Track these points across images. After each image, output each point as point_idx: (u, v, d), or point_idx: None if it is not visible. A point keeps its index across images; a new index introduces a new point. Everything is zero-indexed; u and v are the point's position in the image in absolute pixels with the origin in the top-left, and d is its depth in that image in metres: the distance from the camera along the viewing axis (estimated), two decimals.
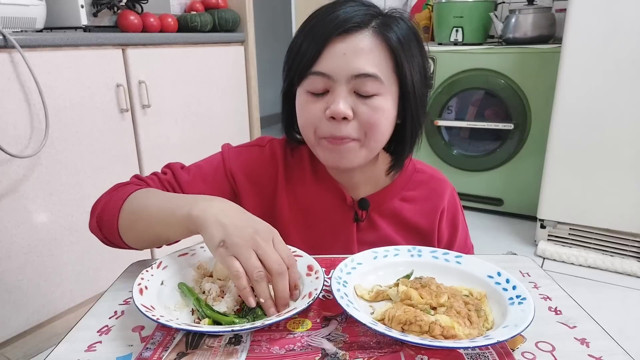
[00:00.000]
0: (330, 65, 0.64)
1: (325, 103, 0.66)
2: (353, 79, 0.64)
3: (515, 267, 0.68)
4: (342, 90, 0.64)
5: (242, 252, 0.53)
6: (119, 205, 0.65)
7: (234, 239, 0.53)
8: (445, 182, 0.84)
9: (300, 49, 0.67)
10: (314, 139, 0.69)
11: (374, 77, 0.64)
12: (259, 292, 0.53)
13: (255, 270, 0.52)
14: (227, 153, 0.79)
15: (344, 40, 0.64)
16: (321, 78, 0.65)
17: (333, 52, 0.64)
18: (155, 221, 0.62)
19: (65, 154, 1.45)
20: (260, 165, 0.79)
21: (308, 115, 0.68)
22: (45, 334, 1.48)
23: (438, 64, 2.40)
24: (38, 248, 1.42)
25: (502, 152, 2.39)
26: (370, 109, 0.65)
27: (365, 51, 0.64)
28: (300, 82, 0.67)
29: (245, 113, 2.22)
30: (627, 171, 1.85)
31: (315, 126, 0.68)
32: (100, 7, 1.63)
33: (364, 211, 0.78)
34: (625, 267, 1.88)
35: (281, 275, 0.53)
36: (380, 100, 0.66)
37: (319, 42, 0.64)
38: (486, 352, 0.48)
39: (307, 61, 0.65)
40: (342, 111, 0.64)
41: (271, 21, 4.43)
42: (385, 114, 0.67)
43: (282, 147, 0.80)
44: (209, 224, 0.55)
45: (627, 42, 1.74)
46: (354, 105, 0.65)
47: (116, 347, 0.50)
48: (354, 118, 0.66)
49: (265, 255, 0.53)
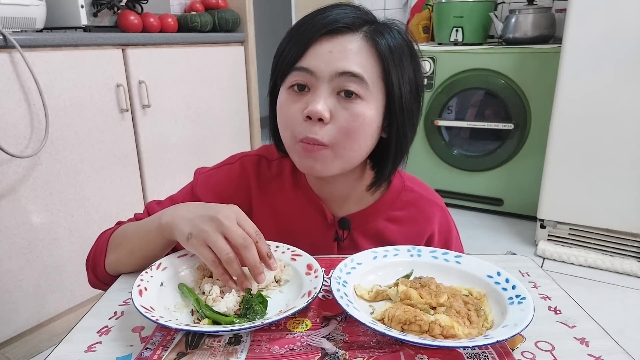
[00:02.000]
0: (315, 61, 0.62)
1: (305, 103, 0.63)
2: (336, 77, 0.61)
3: (514, 267, 0.68)
4: (323, 89, 0.61)
5: (209, 236, 0.56)
6: (104, 248, 0.69)
7: (199, 226, 0.57)
8: (435, 203, 0.78)
9: (285, 49, 0.65)
10: (290, 141, 0.66)
11: (359, 78, 0.61)
12: (231, 273, 0.56)
13: (224, 252, 0.55)
14: (196, 180, 0.79)
15: (330, 40, 0.62)
16: (303, 74, 0.62)
17: (319, 49, 0.62)
18: (137, 245, 0.66)
19: (65, 154, 1.45)
20: (230, 184, 0.77)
21: (286, 115, 0.65)
22: (45, 334, 1.48)
23: (438, 64, 2.40)
24: (38, 248, 1.42)
25: (502, 152, 2.39)
26: (349, 114, 0.62)
27: (352, 52, 0.61)
28: (283, 80, 0.65)
29: (245, 113, 2.22)
30: (627, 171, 1.85)
31: (292, 128, 0.64)
32: (100, 7, 1.63)
33: (345, 231, 0.75)
34: (625, 267, 1.88)
35: (247, 248, 0.56)
36: (363, 106, 0.62)
37: (305, 40, 0.63)
38: (486, 351, 0.48)
39: (292, 58, 0.63)
40: (319, 111, 0.60)
41: (271, 21, 4.43)
42: (366, 121, 0.62)
43: (255, 161, 0.78)
44: (177, 224, 0.59)
45: (627, 42, 1.74)
46: (333, 108, 0.62)
47: (116, 347, 0.50)
48: (330, 122, 0.62)
49: (230, 232, 0.56)
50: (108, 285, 0.67)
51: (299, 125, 0.63)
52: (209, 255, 0.56)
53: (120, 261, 0.67)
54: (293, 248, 0.66)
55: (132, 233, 0.67)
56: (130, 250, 0.66)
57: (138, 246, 0.65)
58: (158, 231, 0.62)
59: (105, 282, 0.70)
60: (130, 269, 0.67)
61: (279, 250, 0.66)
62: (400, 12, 2.95)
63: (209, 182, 0.78)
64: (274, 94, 0.70)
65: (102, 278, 0.70)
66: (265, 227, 0.76)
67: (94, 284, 0.72)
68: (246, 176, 0.78)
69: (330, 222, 0.75)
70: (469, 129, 2.52)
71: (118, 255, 0.68)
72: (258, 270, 0.57)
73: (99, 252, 0.69)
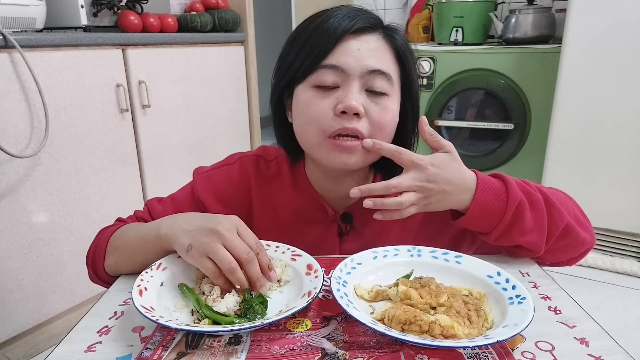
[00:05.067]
0: (344, 58, 0.63)
1: (335, 99, 0.64)
2: (367, 74, 0.63)
3: (514, 267, 0.68)
4: (355, 85, 0.63)
5: (210, 247, 0.55)
6: (103, 249, 0.69)
7: (200, 238, 0.56)
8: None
9: (301, 49, 0.65)
10: (316, 138, 0.65)
11: (387, 76, 0.64)
12: (233, 282, 0.56)
13: (226, 262, 0.55)
14: (196, 181, 0.79)
15: (357, 38, 0.64)
16: (333, 72, 0.63)
17: (347, 47, 0.64)
18: (135, 251, 0.65)
19: (65, 154, 1.45)
20: (230, 185, 0.78)
21: (314, 112, 0.64)
22: (45, 334, 1.48)
23: (438, 64, 2.40)
24: (38, 248, 1.42)
25: (502, 152, 2.38)
26: (380, 108, 0.64)
27: (379, 51, 0.65)
28: (305, 77, 0.65)
29: (245, 113, 2.22)
30: (627, 171, 1.85)
31: (321, 123, 0.64)
32: (100, 7, 1.63)
33: (348, 225, 0.76)
34: (625, 267, 1.88)
35: (250, 262, 0.56)
36: (389, 102, 0.65)
37: (330, 39, 0.63)
38: (486, 351, 0.48)
39: (318, 55, 0.64)
40: (356, 106, 0.62)
41: (271, 21, 4.43)
42: (393, 116, 0.66)
43: (253, 161, 0.79)
44: (176, 236, 0.59)
45: (627, 42, 1.73)
46: (365, 103, 0.64)
47: (116, 347, 0.50)
48: (364, 116, 0.64)
49: (232, 245, 0.56)
50: (108, 284, 0.67)
51: (330, 120, 0.64)
52: (210, 267, 0.56)
53: (119, 264, 0.68)
54: (293, 248, 0.66)
55: (130, 239, 0.67)
56: (129, 255, 0.66)
57: (136, 252, 0.65)
58: (156, 241, 0.62)
59: (105, 281, 0.70)
60: (129, 272, 0.67)
61: (279, 250, 0.66)
62: (400, 12, 2.94)
63: (209, 183, 0.78)
64: (281, 97, 0.70)
65: (102, 277, 0.70)
66: (266, 226, 0.76)
67: (94, 280, 0.72)
68: (246, 176, 0.78)
69: (332, 217, 0.76)
70: (469, 129, 2.52)
71: (117, 259, 0.68)
72: (260, 284, 0.57)
73: (98, 252, 0.69)
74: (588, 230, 0.70)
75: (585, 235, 0.68)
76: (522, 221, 0.63)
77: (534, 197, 0.64)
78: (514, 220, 0.62)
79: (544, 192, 0.66)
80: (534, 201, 0.63)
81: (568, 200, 0.71)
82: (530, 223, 0.63)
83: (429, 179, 0.60)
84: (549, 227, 0.64)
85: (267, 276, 0.58)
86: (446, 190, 0.61)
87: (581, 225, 0.69)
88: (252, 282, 0.57)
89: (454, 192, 0.62)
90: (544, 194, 0.65)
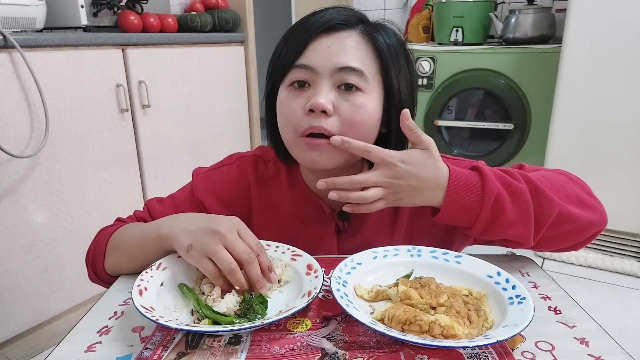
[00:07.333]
0: (314, 57, 0.63)
1: (306, 98, 0.64)
2: (336, 72, 0.63)
3: (514, 267, 0.68)
4: (324, 84, 0.63)
5: (210, 248, 0.55)
6: (103, 249, 0.69)
7: (200, 239, 0.56)
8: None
9: (282, 50, 0.66)
10: (291, 138, 0.66)
11: (358, 72, 0.63)
12: (233, 283, 0.56)
13: (226, 263, 0.55)
14: (195, 181, 0.79)
15: (329, 36, 0.64)
16: (304, 71, 0.64)
17: (318, 46, 0.64)
18: (135, 251, 0.66)
19: (65, 154, 1.45)
20: (229, 185, 0.78)
21: (287, 111, 0.65)
22: (45, 334, 1.48)
23: (438, 64, 2.40)
24: (38, 248, 1.42)
25: (502, 152, 2.39)
26: (351, 105, 0.63)
27: (350, 47, 0.64)
28: (283, 78, 0.66)
29: (245, 113, 2.23)
30: (627, 171, 1.85)
31: (293, 123, 0.65)
32: (100, 7, 1.63)
33: (346, 222, 0.76)
34: (625, 267, 1.88)
35: (251, 263, 0.56)
36: (363, 98, 0.64)
37: (303, 38, 0.64)
38: (486, 351, 0.48)
39: (291, 56, 0.64)
40: (321, 103, 0.61)
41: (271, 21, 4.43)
42: (367, 113, 0.64)
43: (252, 161, 0.79)
44: (177, 236, 0.59)
45: (627, 42, 1.73)
46: (335, 101, 0.63)
47: (116, 347, 0.50)
48: (334, 114, 0.63)
49: (233, 246, 0.56)
50: (108, 284, 0.67)
51: (301, 119, 0.64)
52: (210, 267, 0.56)
53: (119, 265, 0.68)
54: (293, 248, 0.66)
55: (130, 239, 0.67)
56: (129, 255, 0.66)
57: (136, 252, 0.65)
58: (156, 241, 0.62)
59: (105, 280, 0.70)
60: (129, 271, 0.67)
61: (279, 250, 0.66)
62: (400, 12, 2.94)
63: (209, 183, 0.78)
64: (272, 95, 0.70)
65: (102, 277, 0.70)
66: (265, 226, 0.77)
67: (94, 280, 0.72)
68: (245, 176, 0.78)
69: (329, 216, 0.76)
70: (469, 129, 2.52)
71: (117, 260, 0.68)
72: (260, 285, 0.57)
73: (98, 252, 0.70)
74: (596, 210, 0.66)
75: (592, 217, 0.65)
76: (504, 214, 0.61)
77: (515, 188, 0.62)
78: (494, 214, 0.61)
79: (532, 180, 0.63)
80: (516, 192, 0.61)
81: (568, 183, 0.68)
82: (512, 215, 0.61)
83: (397, 176, 0.60)
84: (537, 217, 0.62)
85: (267, 277, 0.59)
86: (415, 186, 0.60)
87: (585, 207, 0.65)
88: (252, 283, 0.57)
89: (425, 188, 0.61)
90: (531, 182, 0.63)
